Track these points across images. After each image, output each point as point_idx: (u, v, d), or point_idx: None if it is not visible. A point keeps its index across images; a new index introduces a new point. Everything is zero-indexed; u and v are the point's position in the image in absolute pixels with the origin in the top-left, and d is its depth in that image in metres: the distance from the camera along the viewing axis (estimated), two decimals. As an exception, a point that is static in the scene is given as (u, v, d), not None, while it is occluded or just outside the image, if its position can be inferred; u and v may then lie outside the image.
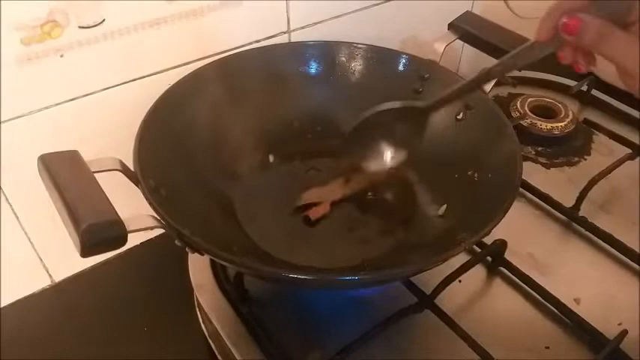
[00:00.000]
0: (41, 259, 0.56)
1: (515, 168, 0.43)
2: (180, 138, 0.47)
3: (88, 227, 0.32)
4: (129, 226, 0.34)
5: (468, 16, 0.55)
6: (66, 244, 0.55)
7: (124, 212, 0.35)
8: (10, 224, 0.52)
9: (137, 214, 0.36)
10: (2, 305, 0.55)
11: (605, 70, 0.79)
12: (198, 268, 0.50)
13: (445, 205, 0.48)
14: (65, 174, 0.36)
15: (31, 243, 0.55)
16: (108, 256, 0.59)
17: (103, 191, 0.35)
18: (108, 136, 0.52)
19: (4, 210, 0.51)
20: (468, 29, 0.53)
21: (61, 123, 0.49)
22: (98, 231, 0.32)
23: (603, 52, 0.33)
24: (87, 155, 0.50)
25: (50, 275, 0.58)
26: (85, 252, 0.32)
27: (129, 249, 0.58)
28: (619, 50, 0.32)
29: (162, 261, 0.59)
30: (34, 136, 0.48)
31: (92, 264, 0.59)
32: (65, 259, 0.57)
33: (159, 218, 0.36)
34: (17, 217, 0.52)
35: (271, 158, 0.54)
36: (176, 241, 0.37)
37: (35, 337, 0.53)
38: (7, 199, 0.50)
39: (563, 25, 0.33)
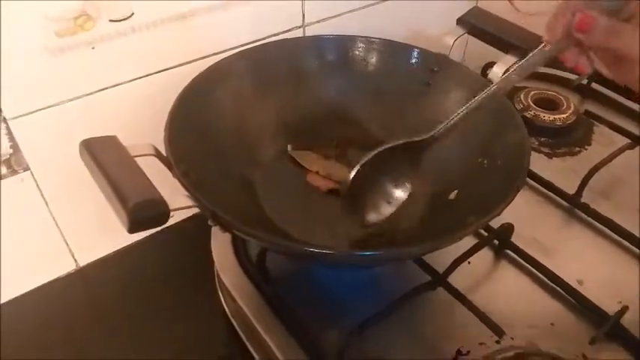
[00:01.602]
0: (67, 244, 0.59)
1: (523, 156, 0.46)
2: (206, 126, 0.50)
3: (135, 205, 0.34)
4: (170, 205, 0.36)
5: (475, 11, 0.58)
6: (91, 229, 0.58)
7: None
8: (39, 210, 0.54)
9: (174, 194, 0.38)
10: (28, 289, 0.58)
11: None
12: (221, 249, 0.53)
13: (456, 191, 0.51)
14: (108, 157, 0.38)
15: (59, 228, 0.57)
16: (131, 242, 0.62)
17: (143, 173, 0.38)
18: (136, 124, 0.54)
19: (34, 196, 0.53)
20: (476, 24, 0.56)
21: (90, 112, 0.52)
22: (144, 208, 0.35)
23: (613, 45, 0.36)
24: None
25: (75, 260, 0.60)
26: (133, 228, 0.35)
27: (151, 234, 0.60)
28: (627, 42, 0.35)
29: (182, 245, 0.61)
30: (65, 125, 0.51)
31: (116, 249, 0.62)
32: (90, 244, 0.60)
33: (194, 199, 0.39)
34: (46, 203, 0.54)
35: (289, 148, 0.57)
36: (209, 221, 0.40)
37: (60, 321, 0.56)
38: (37, 185, 0.53)
39: (578, 22, 0.36)
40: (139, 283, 0.59)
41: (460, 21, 0.57)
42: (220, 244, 0.52)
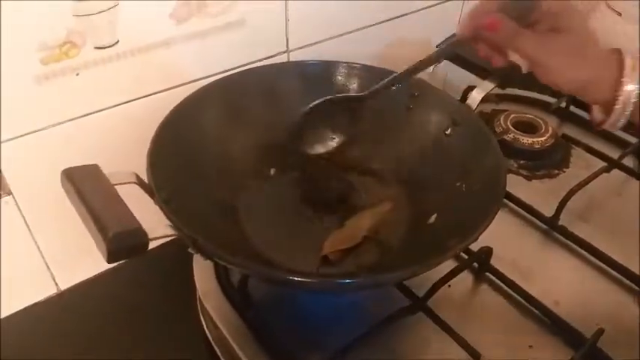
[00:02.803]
0: (49, 268, 0.59)
1: (499, 179, 0.47)
2: (189, 152, 0.51)
3: (114, 235, 0.35)
4: (150, 234, 0.37)
5: (454, 37, 0.59)
6: (73, 253, 0.58)
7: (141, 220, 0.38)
8: (21, 234, 0.54)
9: (155, 223, 0.39)
10: (10, 313, 0.57)
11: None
12: (203, 275, 0.53)
13: (435, 215, 0.52)
14: (88, 186, 0.39)
15: (40, 252, 0.57)
16: (112, 265, 0.61)
17: (123, 202, 0.38)
18: (119, 150, 0.55)
19: (17, 220, 0.53)
20: (455, 50, 0.57)
21: (74, 138, 0.52)
22: (123, 239, 0.35)
23: (515, 47, 0.41)
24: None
25: (56, 283, 0.60)
26: (111, 258, 0.35)
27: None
28: (528, 45, 0.40)
29: (164, 269, 0.61)
30: (48, 150, 0.51)
31: (97, 272, 0.62)
32: (71, 268, 0.60)
33: (175, 227, 0.39)
34: (28, 227, 0.54)
35: (272, 171, 0.58)
36: (189, 249, 0.40)
37: (40, 344, 0.55)
38: (19, 210, 0.53)
39: (487, 23, 0.41)
40: (120, 307, 0.59)
41: (439, 47, 0.58)
42: (202, 268, 0.53)
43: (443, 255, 0.42)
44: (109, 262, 0.35)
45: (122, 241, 0.35)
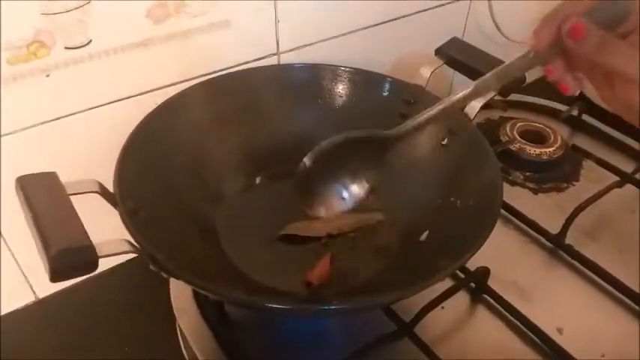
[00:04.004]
0: (25, 276, 0.56)
1: (495, 196, 0.43)
2: (163, 160, 0.48)
3: (57, 253, 0.32)
4: (100, 251, 0.34)
5: (454, 42, 0.55)
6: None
7: (104, 234, 0.36)
8: (-6, 242, 0.52)
9: (111, 238, 0.36)
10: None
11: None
12: (180, 290, 0.50)
13: (427, 232, 0.48)
14: (40, 197, 0.36)
15: (16, 260, 0.54)
16: (92, 273, 0.59)
17: (76, 215, 0.35)
18: (92, 155, 0.52)
19: (-13, 227, 0.51)
20: (454, 55, 0.54)
21: (45, 142, 0.49)
22: (68, 256, 0.32)
23: (605, 60, 0.32)
24: (70, 174, 0.50)
25: (34, 292, 0.58)
26: (55, 277, 0.32)
27: (114, 267, 0.58)
28: (620, 58, 0.32)
29: (146, 280, 0.58)
30: (19, 155, 0.49)
31: (76, 281, 0.59)
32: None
33: (132, 242, 0.36)
34: (2, 235, 0.52)
35: (257, 180, 0.54)
36: (150, 266, 0.37)
37: (18, 352, 0.53)
38: (-9, 217, 0.50)
39: (571, 29, 0.32)
40: (98, 318, 0.56)
41: (438, 52, 0.55)
42: (179, 284, 0.50)
43: (431, 277, 0.38)
44: (52, 281, 0.32)
45: (66, 259, 0.32)
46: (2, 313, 0.56)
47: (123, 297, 0.58)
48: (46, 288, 0.58)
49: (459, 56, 0.53)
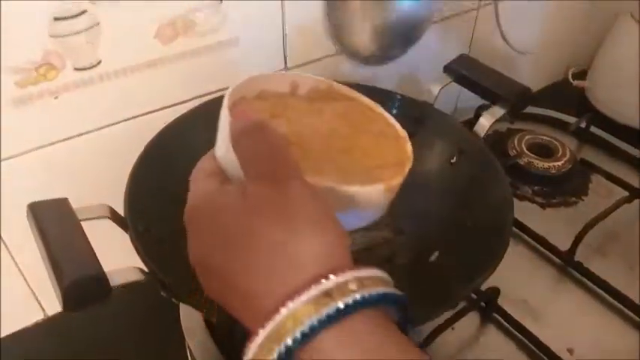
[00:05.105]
0: (34, 294, 0.56)
1: (506, 218, 0.43)
2: (173, 180, 0.47)
3: (70, 283, 0.32)
4: (113, 280, 0.34)
5: (463, 59, 0.55)
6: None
7: (115, 254, 0.36)
8: (4, 261, 0.52)
9: (122, 265, 0.36)
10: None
11: (606, 105, 0.79)
12: (189, 311, 0.50)
13: (437, 252, 0.48)
14: (52, 224, 0.36)
15: (25, 279, 0.55)
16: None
17: (88, 243, 0.35)
18: (101, 174, 0.52)
19: (-2, 247, 0.51)
20: (463, 72, 0.53)
21: (54, 162, 0.49)
22: (81, 287, 0.32)
23: None
24: (79, 193, 0.50)
25: (43, 309, 0.58)
26: (68, 308, 0.32)
27: (124, 284, 0.58)
28: None
29: (156, 299, 0.58)
30: (28, 175, 0.49)
31: (85, 299, 0.59)
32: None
33: (144, 269, 0.36)
34: (11, 255, 0.52)
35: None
36: (161, 292, 0.37)
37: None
38: (1, 237, 0.50)
39: None
40: (107, 335, 0.57)
41: (447, 69, 0.54)
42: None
43: (444, 304, 0.38)
44: (65, 310, 0.32)
45: (79, 290, 0.32)
46: (12, 331, 0.56)
47: (133, 316, 0.58)
48: (56, 306, 0.57)
49: (468, 74, 0.53)
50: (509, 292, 0.51)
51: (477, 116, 0.66)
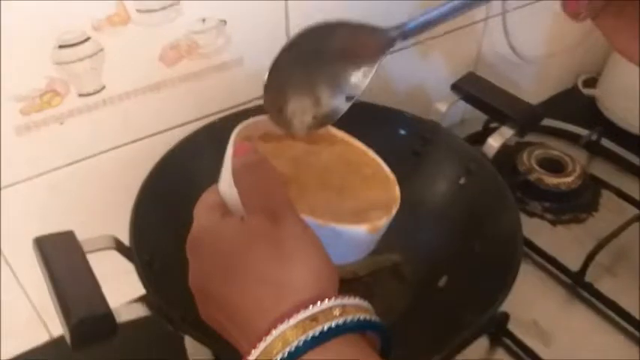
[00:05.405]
0: (40, 315, 0.56)
1: (515, 247, 0.42)
2: (178, 205, 0.47)
3: (78, 322, 0.32)
4: (119, 316, 0.34)
5: (470, 77, 0.54)
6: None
7: (120, 278, 0.35)
8: (9, 283, 0.52)
9: (128, 287, 0.36)
10: (6, 358, 0.55)
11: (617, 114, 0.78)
12: (195, 344, 0.49)
13: (446, 277, 0.47)
14: (58, 259, 0.36)
15: (30, 300, 0.55)
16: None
17: (94, 278, 0.35)
18: (105, 196, 0.52)
19: (3, 270, 0.51)
20: (471, 91, 0.53)
21: (58, 186, 0.49)
22: (88, 325, 0.32)
23: None
24: (83, 215, 0.51)
25: (49, 330, 0.58)
26: (76, 346, 0.32)
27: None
28: None
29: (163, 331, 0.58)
30: (33, 200, 0.49)
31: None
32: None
33: (150, 304, 0.36)
34: (16, 276, 0.52)
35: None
36: (169, 327, 0.37)
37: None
38: (6, 260, 0.50)
39: None
40: (113, 356, 0.56)
41: (454, 87, 0.54)
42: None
43: (456, 336, 0.38)
44: (73, 350, 0.32)
45: (87, 328, 0.32)
46: (17, 352, 0.56)
47: (138, 348, 0.57)
48: (60, 327, 0.58)
49: (476, 93, 0.52)
50: (518, 312, 0.51)
51: (486, 128, 0.66)
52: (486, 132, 0.63)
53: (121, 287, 0.42)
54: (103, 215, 0.52)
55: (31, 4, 0.40)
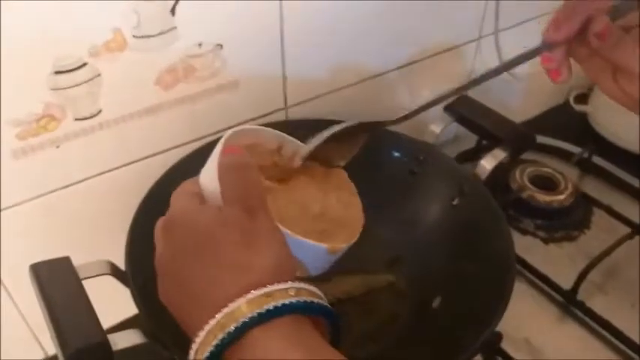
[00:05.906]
0: (35, 335, 0.56)
1: (508, 269, 0.43)
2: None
3: (75, 352, 0.32)
4: (115, 345, 0.34)
5: (464, 99, 0.55)
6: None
7: (116, 297, 0.35)
8: (5, 303, 0.52)
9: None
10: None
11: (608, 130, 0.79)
12: None
13: (439, 298, 0.48)
14: (54, 286, 0.36)
15: (25, 320, 0.55)
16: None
17: (90, 305, 0.35)
18: (102, 219, 0.52)
19: (-1, 291, 0.51)
20: (464, 113, 0.53)
21: (55, 209, 0.50)
22: (84, 354, 0.32)
23: (615, 56, 0.34)
24: (79, 238, 0.51)
25: (43, 349, 0.58)
26: (71, 377, 0.32)
27: (121, 322, 0.58)
28: (627, 53, 0.33)
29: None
30: (29, 223, 0.49)
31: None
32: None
33: (146, 332, 0.36)
34: (11, 297, 0.52)
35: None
36: (163, 352, 0.37)
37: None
38: (1, 281, 0.51)
39: (601, 31, 0.33)
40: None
41: (448, 109, 0.55)
42: None
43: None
44: (69, 379, 0.32)
45: (83, 357, 0.32)
46: (11, 372, 0.57)
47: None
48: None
49: (469, 115, 0.53)
50: (511, 330, 0.51)
51: (479, 146, 0.67)
52: (479, 149, 0.64)
53: (117, 302, 0.42)
54: (98, 236, 0.52)
55: (28, 31, 0.41)
